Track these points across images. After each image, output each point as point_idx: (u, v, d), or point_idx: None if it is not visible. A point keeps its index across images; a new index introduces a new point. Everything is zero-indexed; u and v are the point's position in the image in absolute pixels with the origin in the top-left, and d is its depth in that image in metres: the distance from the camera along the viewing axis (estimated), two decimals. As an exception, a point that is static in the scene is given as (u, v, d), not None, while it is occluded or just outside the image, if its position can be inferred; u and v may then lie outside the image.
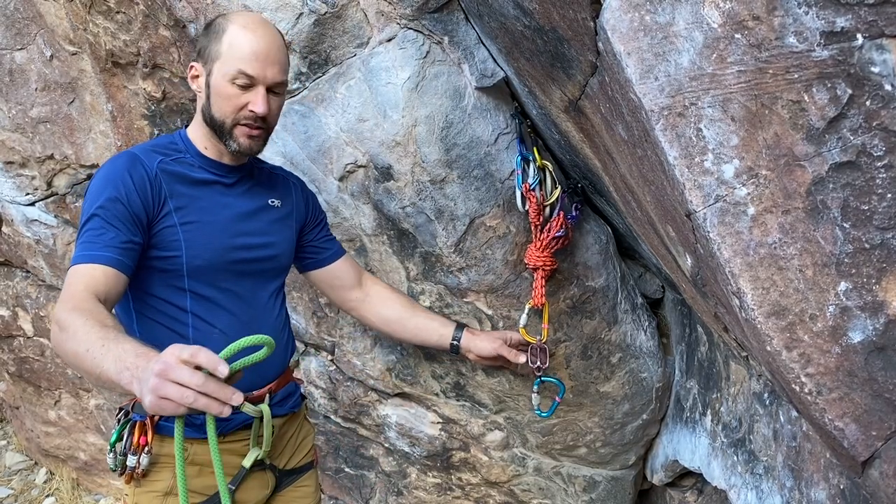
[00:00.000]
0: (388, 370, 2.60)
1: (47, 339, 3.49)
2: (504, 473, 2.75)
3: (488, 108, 2.08)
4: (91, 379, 1.39)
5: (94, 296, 1.44)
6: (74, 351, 1.32)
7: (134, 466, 1.65)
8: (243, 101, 1.64)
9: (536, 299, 2.12)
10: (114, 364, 1.24)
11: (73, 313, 1.37)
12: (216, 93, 1.65)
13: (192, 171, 1.72)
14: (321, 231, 2.04)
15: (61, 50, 2.62)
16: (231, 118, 1.65)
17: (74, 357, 1.33)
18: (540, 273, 2.11)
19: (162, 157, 1.69)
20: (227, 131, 1.68)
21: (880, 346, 1.10)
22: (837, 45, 1.07)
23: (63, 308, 1.40)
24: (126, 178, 1.60)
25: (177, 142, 1.76)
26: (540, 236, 2.09)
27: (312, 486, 2.00)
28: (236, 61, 1.61)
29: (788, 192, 1.11)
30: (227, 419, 1.71)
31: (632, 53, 1.18)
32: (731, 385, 2.06)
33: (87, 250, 1.52)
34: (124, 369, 1.22)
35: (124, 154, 1.68)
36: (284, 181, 1.96)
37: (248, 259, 1.76)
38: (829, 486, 1.47)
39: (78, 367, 1.34)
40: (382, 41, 2.06)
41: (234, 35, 1.63)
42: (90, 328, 1.33)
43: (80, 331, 1.33)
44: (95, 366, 1.27)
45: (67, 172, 2.89)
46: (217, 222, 1.71)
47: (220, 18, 1.70)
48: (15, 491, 4.04)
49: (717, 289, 1.31)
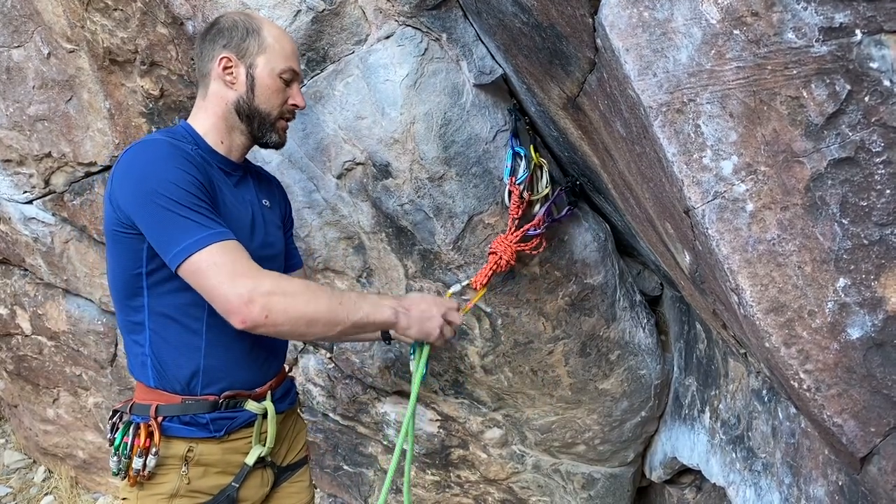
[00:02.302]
0: (387, 368, 2.60)
1: (45, 337, 3.49)
2: (503, 471, 2.75)
3: (487, 106, 2.08)
4: (340, 327, 1.59)
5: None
6: (325, 307, 1.56)
7: (139, 469, 1.61)
8: (287, 95, 1.75)
9: (477, 281, 2.04)
10: (375, 308, 1.65)
11: (289, 282, 1.57)
12: (264, 86, 1.70)
13: (210, 165, 1.68)
14: (291, 236, 2.04)
15: (59, 48, 2.61)
16: (277, 111, 1.75)
17: (326, 312, 1.56)
18: (494, 259, 2.04)
19: (190, 146, 1.65)
20: (271, 123, 1.75)
21: (879, 343, 1.10)
22: (836, 41, 1.07)
23: (265, 281, 1.51)
24: (186, 161, 1.55)
25: (185, 135, 1.71)
26: (514, 229, 2.05)
27: (307, 480, 2.02)
28: (286, 58, 1.72)
29: (787, 189, 1.11)
30: (232, 417, 1.71)
31: (630, 50, 1.17)
32: (729, 382, 2.06)
33: (214, 228, 1.51)
34: (387, 308, 1.67)
35: (160, 142, 1.58)
36: (269, 181, 1.96)
37: (261, 257, 1.75)
38: (827, 482, 1.47)
39: (328, 320, 1.57)
40: (381, 38, 2.06)
41: (276, 33, 1.74)
42: (321, 289, 1.63)
43: (318, 292, 1.60)
44: (353, 313, 1.60)
45: (65, 170, 2.88)
46: (240, 219, 1.71)
47: (239, 16, 1.73)
48: (13, 489, 4.03)
49: (716, 285, 1.30)
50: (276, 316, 1.49)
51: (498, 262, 2.04)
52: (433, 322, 1.73)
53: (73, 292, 3.29)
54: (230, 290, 1.46)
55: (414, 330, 1.71)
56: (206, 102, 1.74)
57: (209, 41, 1.72)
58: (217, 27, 1.72)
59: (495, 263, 2.04)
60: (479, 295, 2.07)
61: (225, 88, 1.71)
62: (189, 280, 1.51)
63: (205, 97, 1.74)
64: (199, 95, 1.76)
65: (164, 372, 1.66)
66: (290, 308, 1.52)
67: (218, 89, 1.72)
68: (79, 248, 3.09)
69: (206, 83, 1.73)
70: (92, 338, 3.32)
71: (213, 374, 1.67)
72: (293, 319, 1.53)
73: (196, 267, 1.47)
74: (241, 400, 1.73)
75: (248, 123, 1.73)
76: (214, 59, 1.70)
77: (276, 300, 1.49)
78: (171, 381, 1.66)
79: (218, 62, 1.69)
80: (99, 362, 3.39)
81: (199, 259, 1.47)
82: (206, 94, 1.74)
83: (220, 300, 1.49)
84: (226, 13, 1.79)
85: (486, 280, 2.04)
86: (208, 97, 1.73)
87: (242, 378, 1.72)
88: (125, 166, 1.57)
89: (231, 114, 1.71)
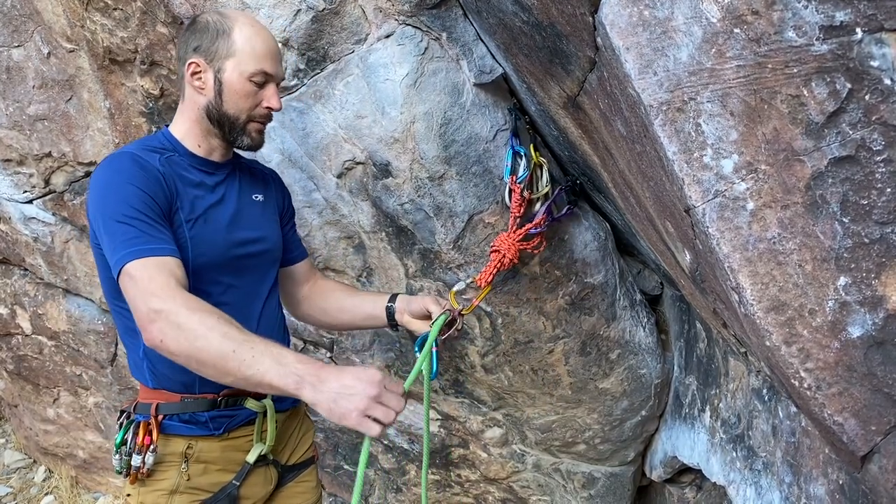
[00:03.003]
0: (387, 367, 2.60)
1: (45, 337, 3.49)
2: (503, 470, 2.75)
3: (487, 105, 2.08)
4: (231, 378, 1.39)
5: (185, 289, 1.45)
6: (216, 350, 1.36)
7: (139, 466, 1.63)
8: (259, 98, 1.70)
9: (481, 278, 2.04)
10: (275, 368, 1.35)
11: (191, 312, 1.39)
12: (231, 90, 1.67)
13: (185, 170, 1.70)
14: (292, 228, 2.04)
15: (59, 47, 2.61)
16: (246, 114, 1.70)
17: (216, 357, 1.36)
18: (497, 256, 2.04)
19: (159, 156, 1.67)
20: (241, 127, 1.71)
21: (879, 341, 1.10)
22: (837, 40, 1.07)
23: (168, 303, 1.40)
24: (142, 176, 1.57)
25: (163, 142, 1.73)
26: (515, 228, 2.05)
27: (313, 481, 2.01)
28: (256, 60, 1.66)
29: (788, 187, 1.11)
30: (232, 415, 1.72)
31: (630, 48, 1.17)
32: (729, 381, 2.06)
33: (147, 244, 1.48)
34: (290, 374, 1.34)
35: (125, 155, 1.62)
36: (263, 175, 1.96)
37: (246, 254, 1.77)
38: (828, 481, 1.47)
39: (216, 366, 1.37)
40: (381, 38, 2.06)
41: (248, 34, 1.67)
42: (224, 328, 1.38)
43: (214, 330, 1.37)
44: (246, 367, 1.35)
45: (65, 170, 2.88)
46: (217, 219, 1.71)
47: (213, 16, 1.69)
48: (14, 489, 4.03)
49: (717, 284, 1.30)
50: (168, 343, 1.40)
51: (501, 261, 2.04)
52: (352, 402, 1.32)
53: (73, 292, 3.30)
54: (141, 306, 1.44)
55: (323, 407, 1.33)
56: (183, 106, 1.75)
57: (183, 43, 1.71)
58: (192, 28, 1.70)
59: (499, 261, 2.04)
60: (484, 293, 2.07)
61: (196, 93, 1.70)
62: (122, 290, 1.51)
63: (183, 100, 1.75)
64: (180, 98, 1.76)
65: (161, 373, 1.67)
66: (180, 340, 1.39)
67: (191, 94, 1.71)
68: (79, 247, 3.09)
69: (183, 86, 1.73)
70: (92, 337, 3.32)
71: None
72: (184, 354, 1.40)
73: (122, 279, 1.48)
74: (241, 398, 1.73)
75: (218, 128, 1.71)
76: (185, 62, 1.69)
77: (170, 328, 1.39)
78: (169, 382, 1.68)
79: (187, 67, 1.68)
80: (99, 362, 3.39)
81: (125, 271, 1.47)
82: (183, 98, 1.74)
83: (135, 314, 1.47)
84: (203, 13, 1.76)
85: (490, 278, 2.04)
86: (185, 101, 1.74)
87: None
88: (92, 182, 1.61)
89: (203, 119, 1.71)
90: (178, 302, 1.41)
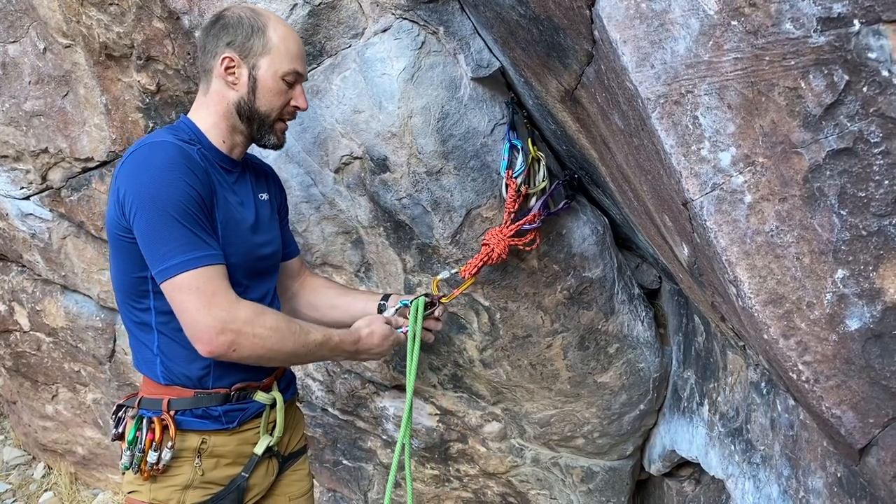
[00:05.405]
0: (386, 362, 2.60)
1: (44, 333, 3.49)
2: (502, 464, 2.75)
3: (484, 99, 2.08)
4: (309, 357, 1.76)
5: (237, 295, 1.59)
6: (288, 349, 1.65)
7: (154, 462, 1.63)
8: (288, 97, 1.73)
9: (466, 270, 2.04)
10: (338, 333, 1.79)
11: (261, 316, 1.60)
12: (266, 87, 1.68)
13: (213, 166, 1.68)
14: (287, 224, 2.05)
15: (54, 43, 2.60)
16: (277, 113, 1.72)
17: (288, 354, 1.67)
18: (486, 250, 2.03)
19: (195, 149, 1.64)
20: (270, 125, 1.73)
21: (877, 334, 1.10)
22: (834, 31, 1.06)
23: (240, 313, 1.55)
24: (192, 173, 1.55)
25: (189, 133, 1.69)
26: (509, 223, 2.04)
27: (306, 469, 2.04)
28: (290, 59, 1.69)
29: (785, 180, 1.11)
30: (243, 409, 1.74)
31: (628, 41, 1.17)
32: (728, 375, 2.06)
33: (203, 250, 1.53)
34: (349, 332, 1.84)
35: (171, 146, 1.57)
36: (264, 172, 1.96)
37: (262, 256, 1.78)
38: (826, 474, 1.47)
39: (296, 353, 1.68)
40: (377, 32, 2.05)
41: (282, 33, 1.69)
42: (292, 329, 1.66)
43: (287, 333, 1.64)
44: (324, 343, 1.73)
45: (62, 166, 2.87)
46: (241, 221, 1.71)
47: (245, 12, 1.68)
48: (13, 486, 4.04)
49: (714, 278, 1.30)
50: (241, 350, 1.56)
51: (489, 255, 2.03)
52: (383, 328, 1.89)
53: (70, 288, 3.29)
54: (204, 318, 1.50)
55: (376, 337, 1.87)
56: (207, 99, 1.72)
57: (213, 36, 1.69)
58: (222, 22, 1.69)
59: (486, 255, 2.04)
60: (466, 285, 2.08)
61: (226, 88, 1.69)
62: (168, 297, 1.54)
63: (206, 93, 1.72)
64: (201, 91, 1.74)
65: (174, 370, 1.67)
66: (256, 346, 1.58)
67: (220, 88, 1.70)
68: (76, 243, 3.08)
69: (209, 79, 1.71)
70: (90, 334, 3.32)
71: (224, 368, 1.69)
72: (257, 355, 1.60)
73: (178, 287, 1.51)
74: (251, 391, 1.76)
75: (247, 125, 1.72)
76: (217, 56, 1.67)
77: (245, 337, 1.55)
78: (182, 378, 1.68)
79: (220, 61, 1.66)
80: (97, 358, 3.39)
81: (182, 281, 1.50)
82: (207, 91, 1.72)
83: (191, 325, 1.53)
84: (232, 7, 1.75)
85: (475, 270, 2.04)
86: (210, 94, 1.71)
87: (252, 370, 1.74)
88: (133, 169, 1.56)
89: (232, 114, 1.70)
90: (247, 311, 1.57)
